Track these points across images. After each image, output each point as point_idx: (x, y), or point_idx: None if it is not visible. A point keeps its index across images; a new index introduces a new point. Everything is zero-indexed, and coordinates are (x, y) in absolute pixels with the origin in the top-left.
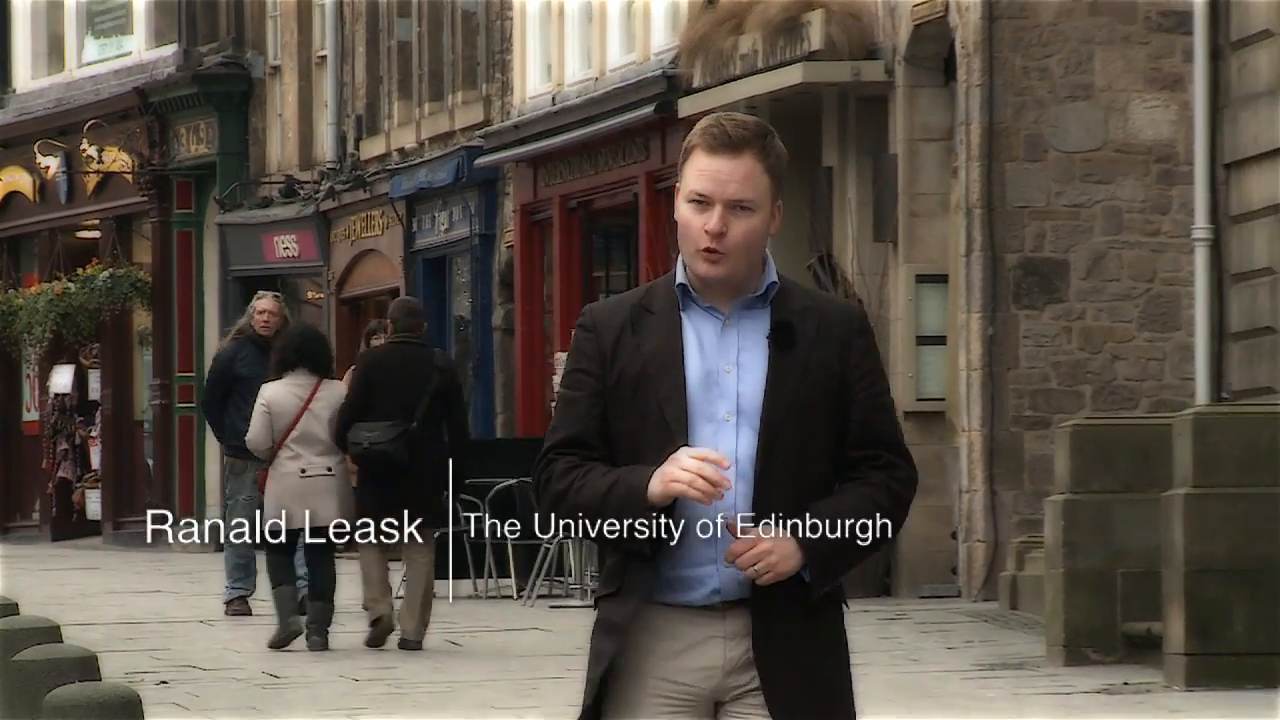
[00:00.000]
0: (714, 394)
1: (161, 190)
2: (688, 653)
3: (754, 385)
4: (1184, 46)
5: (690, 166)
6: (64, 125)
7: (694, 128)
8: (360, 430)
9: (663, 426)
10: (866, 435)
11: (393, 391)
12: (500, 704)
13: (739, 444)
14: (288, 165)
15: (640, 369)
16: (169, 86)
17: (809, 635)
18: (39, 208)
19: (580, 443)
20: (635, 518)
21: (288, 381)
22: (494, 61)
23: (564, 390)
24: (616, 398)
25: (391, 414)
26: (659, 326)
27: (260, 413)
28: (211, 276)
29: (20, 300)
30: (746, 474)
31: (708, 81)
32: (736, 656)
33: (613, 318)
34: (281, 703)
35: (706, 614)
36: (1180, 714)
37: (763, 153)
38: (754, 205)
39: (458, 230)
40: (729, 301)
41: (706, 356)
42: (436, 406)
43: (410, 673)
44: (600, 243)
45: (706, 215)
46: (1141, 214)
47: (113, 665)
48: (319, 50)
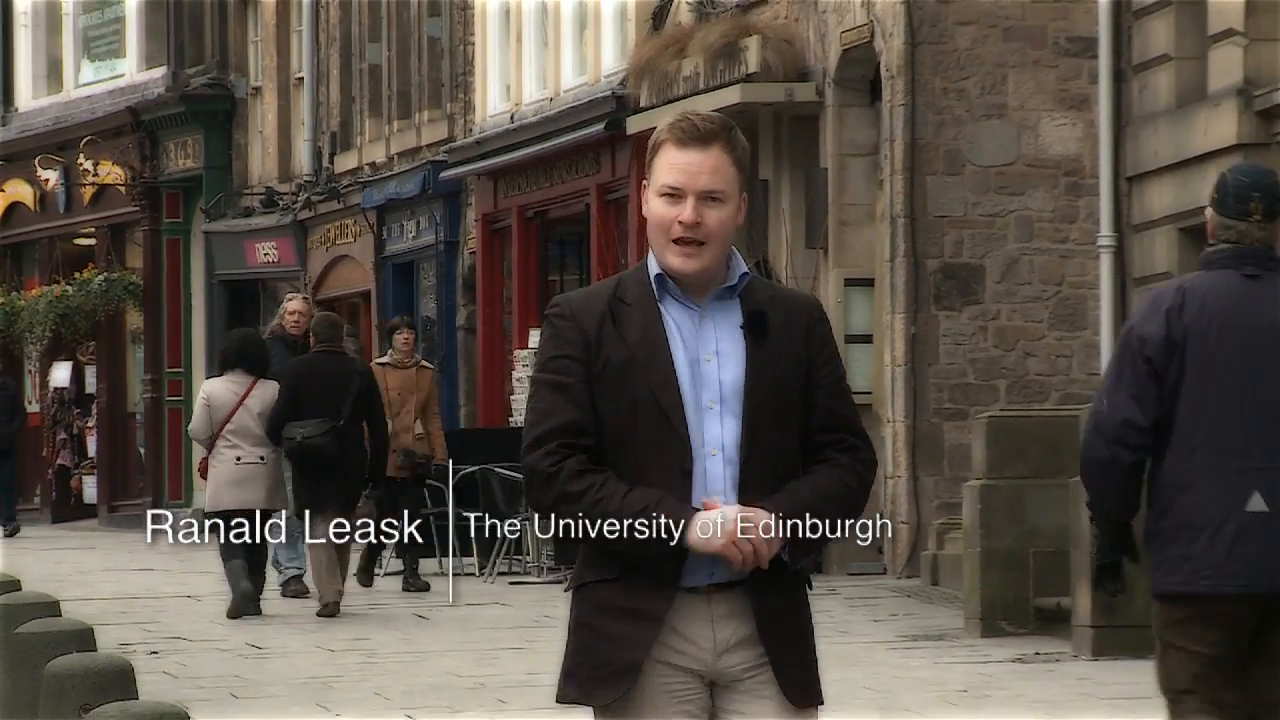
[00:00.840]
0: (697, 382)
1: (152, 201)
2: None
3: (734, 373)
4: (1089, 69)
5: (660, 161)
6: (62, 141)
7: (659, 127)
8: (293, 427)
9: (657, 413)
10: (831, 419)
11: (319, 394)
12: (463, 672)
13: (723, 429)
14: (268, 178)
15: (627, 357)
16: (159, 106)
17: (793, 612)
18: (39, 217)
19: (580, 429)
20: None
21: (227, 379)
22: (457, 83)
23: (549, 376)
24: (602, 384)
25: (320, 413)
26: (638, 317)
27: (201, 405)
28: (198, 280)
29: (22, 302)
30: (732, 458)
31: (653, 101)
32: (726, 638)
33: (590, 307)
34: (263, 671)
35: (692, 597)
36: (1087, 681)
37: (729, 145)
38: (724, 196)
39: (424, 238)
40: (703, 293)
41: (688, 346)
42: (358, 406)
43: (381, 644)
44: (555, 249)
45: (680, 207)
46: (1051, 223)
47: (107, 637)
48: (296, 72)
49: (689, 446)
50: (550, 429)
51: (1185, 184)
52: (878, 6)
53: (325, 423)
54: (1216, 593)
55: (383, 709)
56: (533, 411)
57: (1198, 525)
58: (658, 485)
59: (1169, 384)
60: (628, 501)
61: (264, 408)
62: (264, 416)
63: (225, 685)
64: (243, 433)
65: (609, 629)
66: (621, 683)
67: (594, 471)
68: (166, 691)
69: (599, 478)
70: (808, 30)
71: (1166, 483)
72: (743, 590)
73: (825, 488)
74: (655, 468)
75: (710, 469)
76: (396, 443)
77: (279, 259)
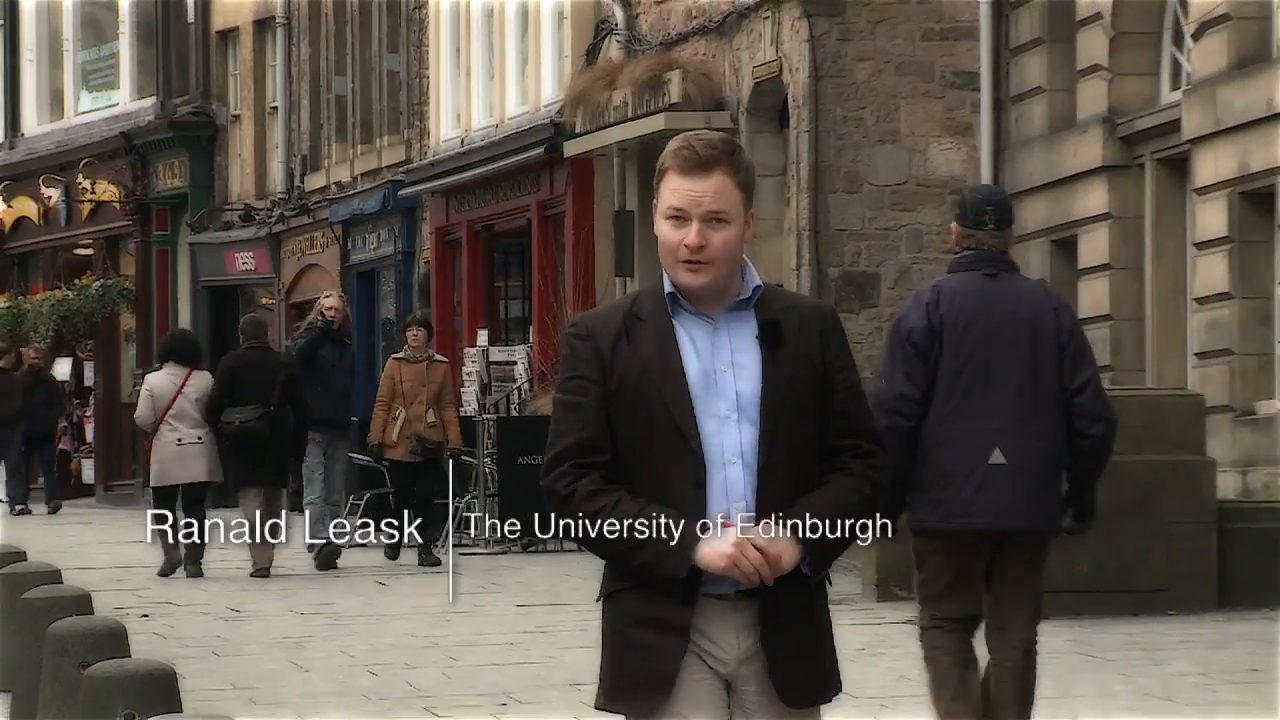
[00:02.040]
0: (714, 393)
1: (143, 216)
2: (709, 639)
3: (751, 383)
4: (972, 100)
5: (665, 186)
6: (63, 163)
7: (665, 149)
8: (230, 413)
9: (671, 426)
10: (847, 425)
11: (251, 384)
12: (419, 632)
13: (741, 438)
14: (246, 195)
15: (641, 372)
16: (149, 131)
17: (808, 620)
18: (43, 230)
19: (592, 447)
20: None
21: (166, 371)
22: (413, 111)
23: (566, 396)
24: (619, 401)
25: (252, 400)
26: (652, 332)
27: (145, 395)
28: (184, 286)
29: (28, 305)
30: (750, 465)
31: (587, 128)
32: (749, 645)
33: (607, 325)
34: (241, 633)
35: (720, 604)
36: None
37: (732, 169)
38: (728, 217)
39: (384, 249)
40: (716, 306)
41: (702, 358)
42: (284, 393)
43: (346, 607)
44: (500, 259)
45: (685, 230)
46: (939, 236)
47: (103, 602)
48: (271, 102)
49: (702, 458)
50: (563, 449)
51: (1057, 201)
52: (785, 44)
53: (258, 409)
54: (965, 529)
55: (348, 665)
56: (550, 432)
57: (950, 475)
58: (675, 497)
59: (930, 363)
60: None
61: (199, 394)
62: (200, 402)
63: (208, 645)
64: (181, 416)
65: (637, 639)
66: (655, 694)
67: (606, 492)
68: (156, 650)
69: (611, 498)
70: (724, 65)
71: (926, 440)
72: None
73: (841, 498)
74: (671, 480)
75: (730, 476)
76: (409, 430)
77: (256, 267)
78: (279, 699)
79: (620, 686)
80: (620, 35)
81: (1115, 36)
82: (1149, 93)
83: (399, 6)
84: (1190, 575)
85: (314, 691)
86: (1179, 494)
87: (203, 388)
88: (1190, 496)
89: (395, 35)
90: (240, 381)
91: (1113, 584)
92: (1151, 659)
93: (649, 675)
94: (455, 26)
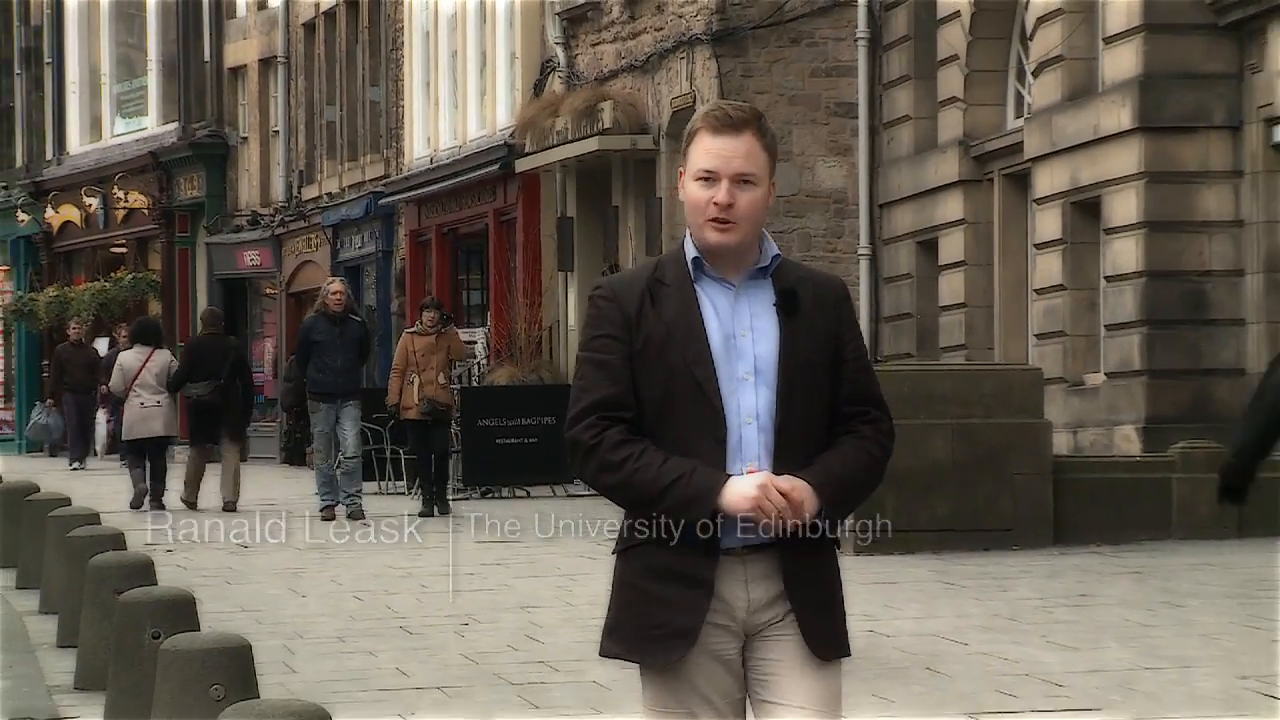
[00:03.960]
0: (733, 355)
1: (168, 220)
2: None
3: (768, 347)
4: (851, 126)
5: (696, 148)
6: (101, 177)
7: (695, 115)
8: (190, 387)
9: (693, 385)
10: (856, 391)
11: (207, 364)
12: (396, 565)
13: (758, 400)
14: (253, 204)
15: (665, 334)
16: (172, 151)
17: (823, 574)
18: (85, 232)
19: (618, 403)
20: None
21: (134, 350)
22: (391, 134)
23: (592, 354)
24: (643, 360)
25: (207, 377)
26: (675, 296)
27: (117, 369)
28: (201, 279)
29: (73, 294)
30: (766, 426)
31: (535, 148)
32: (758, 596)
33: (631, 288)
34: (249, 564)
35: (730, 558)
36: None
37: (760, 132)
38: (755, 179)
39: (367, 248)
40: (737, 273)
41: (723, 321)
42: (233, 372)
43: (335, 545)
44: (463, 257)
45: (714, 189)
46: (824, 238)
47: (135, 540)
48: (274, 127)
49: (723, 416)
50: (590, 403)
51: (921, 209)
52: (698, 80)
53: (211, 384)
54: None
55: (337, 591)
56: (575, 388)
57: None
58: (695, 454)
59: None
60: (665, 469)
61: (159, 369)
62: (159, 376)
63: (221, 574)
64: (144, 386)
65: (659, 592)
66: (675, 647)
67: (633, 441)
68: (178, 579)
69: (638, 447)
70: (647, 97)
71: None
72: (774, 552)
73: (853, 458)
74: (693, 437)
75: (746, 436)
76: (421, 394)
77: (261, 263)
78: (280, 619)
79: (639, 638)
80: (562, 72)
81: (969, 74)
82: (997, 120)
83: (379, 48)
84: (1031, 517)
85: (309, 613)
86: (1022, 450)
87: (162, 363)
88: (1031, 452)
89: (376, 72)
90: (199, 362)
91: (967, 525)
92: (1000, 586)
93: (669, 628)
94: (426, 65)
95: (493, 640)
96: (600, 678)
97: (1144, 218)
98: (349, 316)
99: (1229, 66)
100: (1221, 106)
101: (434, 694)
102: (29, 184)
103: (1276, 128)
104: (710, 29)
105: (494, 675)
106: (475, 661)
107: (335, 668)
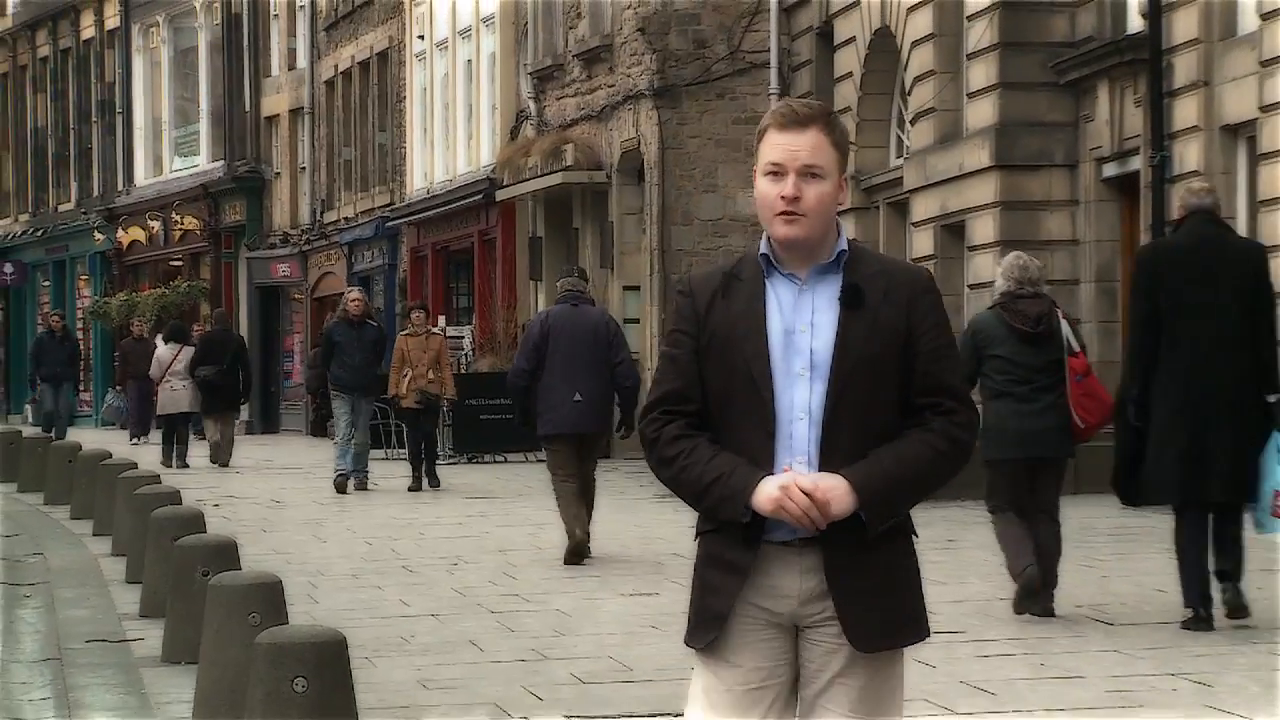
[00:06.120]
0: (790, 351)
1: (215, 239)
2: (771, 583)
3: (825, 342)
4: None
5: (765, 144)
6: (162, 204)
7: (766, 114)
8: (200, 369)
9: (750, 382)
10: (929, 383)
11: (213, 351)
12: (400, 517)
13: (811, 395)
14: (284, 226)
15: (729, 330)
16: (219, 183)
17: (876, 566)
18: (148, 249)
19: (683, 397)
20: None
21: (169, 346)
22: (396, 169)
23: (666, 349)
24: (709, 355)
25: (213, 362)
26: (745, 292)
27: (155, 360)
28: (243, 287)
29: (138, 299)
30: (817, 421)
31: (511, 181)
32: (811, 588)
33: (707, 285)
34: (280, 516)
35: (785, 549)
36: None
37: (828, 127)
38: (823, 172)
39: (376, 262)
40: (805, 268)
41: (785, 318)
42: (235, 359)
43: (350, 502)
44: (453, 269)
45: (782, 183)
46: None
47: (189, 496)
48: (301, 164)
49: (773, 411)
50: (657, 398)
51: None
52: (643, 127)
53: (216, 368)
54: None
55: (351, 538)
56: (652, 381)
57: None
58: (748, 446)
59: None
60: (709, 466)
61: (185, 360)
62: (186, 365)
63: (258, 524)
64: (175, 374)
65: (708, 578)
66: (710, 629)
67: (688, 437)
68: (224, 528)
69: (690, 444)
70: (602, 140)
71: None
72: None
73: (909, 453)
74: (746, 431)
75: (796, 432)
76: (414, 385)
77: (291, 274)
78: (305, 560)
79: (692, 622)
80: (533, 120)
81: (860, 121)
82: (882, 159)
83: (387, 101)
84: None
85: (328, 555)
86: None
87: (188, 357)
88: None
89: (384, 119)
90: (208, 350)
91: None
92: None
93: (709, 612)
94: (424, 114)
95: (476, 577)
96: (563, 606)
97: (1000, 238)
98: (366, 321)
99: (1067, 116)
100: (1061, 149)
101: (429, 620)
102: (104, 210)
103: (1105, 165)
104: (652, 86)
105: (476, 604)
106: (462, 594)
107: (350, 599)
